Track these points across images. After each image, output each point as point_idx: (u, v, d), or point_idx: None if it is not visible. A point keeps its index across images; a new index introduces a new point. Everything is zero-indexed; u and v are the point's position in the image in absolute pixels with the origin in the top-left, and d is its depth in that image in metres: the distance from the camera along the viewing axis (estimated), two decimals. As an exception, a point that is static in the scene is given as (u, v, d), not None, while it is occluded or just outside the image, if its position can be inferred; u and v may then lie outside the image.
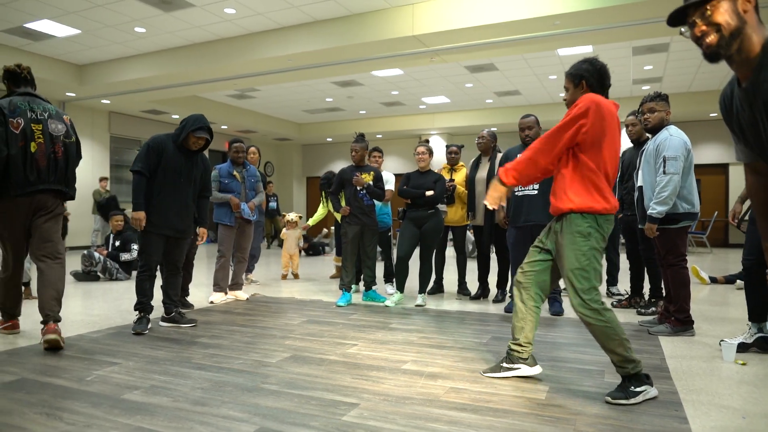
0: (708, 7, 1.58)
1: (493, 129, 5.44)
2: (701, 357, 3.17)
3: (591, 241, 2.46)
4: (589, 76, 2.58)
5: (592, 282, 2.44)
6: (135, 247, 6.76)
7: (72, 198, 3.69)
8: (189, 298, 4.95)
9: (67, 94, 10.86)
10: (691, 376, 2.80)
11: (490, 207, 2.66)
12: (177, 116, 13.21)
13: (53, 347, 3.30)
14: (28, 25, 8.07)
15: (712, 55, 1.61)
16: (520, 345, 2.72)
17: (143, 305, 3.90)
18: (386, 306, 4.93)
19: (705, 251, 11.54)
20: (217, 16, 7.86)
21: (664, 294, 4.15)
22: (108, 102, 11.65)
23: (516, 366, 2.73)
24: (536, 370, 2.74)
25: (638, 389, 2.38)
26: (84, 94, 10.96)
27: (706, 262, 9.18)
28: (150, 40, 8.87)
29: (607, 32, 7.38)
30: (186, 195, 3.96)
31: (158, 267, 3.99)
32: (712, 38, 1.59)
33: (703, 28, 1.60)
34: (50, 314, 3.37)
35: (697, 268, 6.51)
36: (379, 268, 6.94)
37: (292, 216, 7.23)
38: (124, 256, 6.81)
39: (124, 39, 8.80)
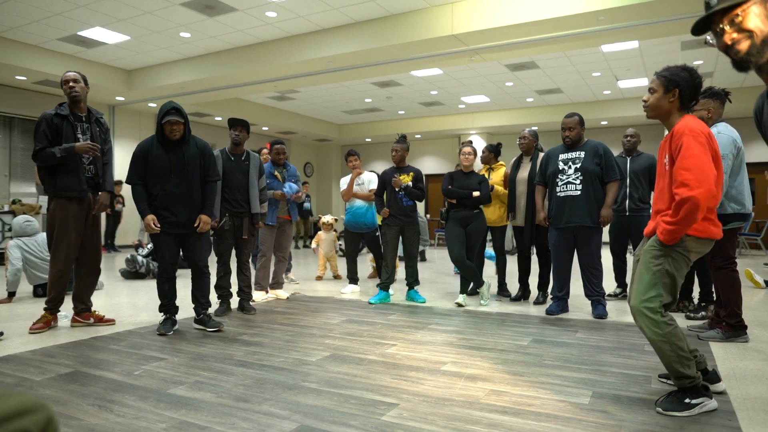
0: (738, 13, 1.46)
1: (534, 128, 5.35)
2: (755, 364, 3.03)
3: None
4: (686, 87, 2.35)
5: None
6: (149, 246, 7.23)
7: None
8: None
9: (117, 98, 11.29)
10: (745, 384, 2.68)
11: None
12: (220, 118, 13.54)
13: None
14: (81, 33, 8.42)
15: (742, 63, 1.49)
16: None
17: (165, 307, 3.90)
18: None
19: (760, 254, 11.02)
20: (258, 20, 8.01)
21: (714, 298, 3.99)
22: (154, 105, 12.04)
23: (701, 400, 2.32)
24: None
25: (695, 401, 2.26)
26: (132, 98, 11.37)
27: (761, 265, 8.76)
28: (194, 44, 9.12)
29: (654, 27, 7.14)
30: (181, 187, 3.80)
31: (176, 268, 3.93)
32: (743, 46, 1.47)
33: (734, 35, 1.48)
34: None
35: (752, 272, 6.23)
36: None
37: (327, 218, 7.07)
38: (142, 253, 7.18)
39: (170, 44, 9.08)
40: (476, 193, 4.87)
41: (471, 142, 5.32)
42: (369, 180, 5.94)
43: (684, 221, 2.23)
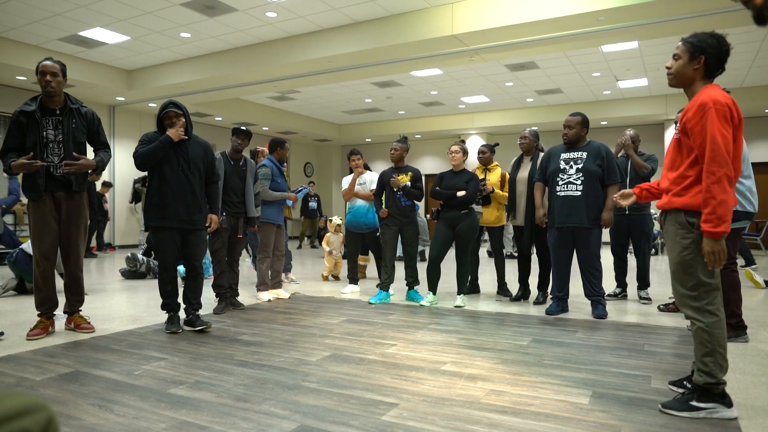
0: None
1: (534, 128, 5.35)
2: (756, 364, 3.04)
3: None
4: (712, 54, 2.22)
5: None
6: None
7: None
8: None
9: (117, 98, 11.29)
10: (746, 384, 2.68)
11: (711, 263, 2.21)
12: (220, 118, 13.54)
13: None
14: (82, 33, 8.42)
15: (758, 17, 1.56)
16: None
17: (169, 306, 3.90)
18: (422, 305, 4.92)
19: (760, 254, 11.02)
20: (259, 20, 8.01)
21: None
22: (155, 105, 12.04)
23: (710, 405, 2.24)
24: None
25: (701, 405, 2.21)
26: (132, 99, 11.37)
27: (761, 265, 8.77)
28: (194, 44, 9.12)
29: (654, 27, 7.14)
30: (188, 182, 3.78)
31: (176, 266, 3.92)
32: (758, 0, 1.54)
33: None
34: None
35: (752, 272, 6.23)
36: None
37: (338, 220, 6.86)
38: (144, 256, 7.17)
39: (170, 44, 9.08)
40: (460, 193, 4.82)
41: (463, 141, 5.32)
42: (371, 180, 5.95)
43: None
